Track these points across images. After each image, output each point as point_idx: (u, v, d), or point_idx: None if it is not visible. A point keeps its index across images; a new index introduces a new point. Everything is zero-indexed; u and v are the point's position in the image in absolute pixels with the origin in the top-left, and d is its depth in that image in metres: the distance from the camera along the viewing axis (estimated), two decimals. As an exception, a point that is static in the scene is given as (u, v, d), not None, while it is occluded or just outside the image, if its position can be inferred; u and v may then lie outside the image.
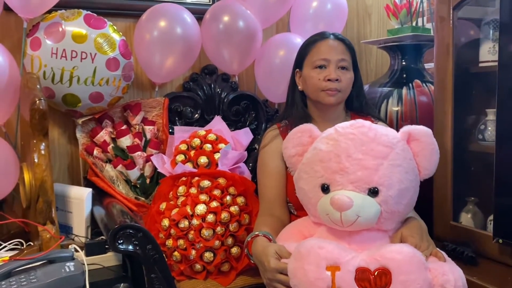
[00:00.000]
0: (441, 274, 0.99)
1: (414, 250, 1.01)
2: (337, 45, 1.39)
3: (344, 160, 1.07)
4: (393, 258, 0.98)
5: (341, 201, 1.03)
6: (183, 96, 1.88)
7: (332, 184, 1.08)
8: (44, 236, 1.32)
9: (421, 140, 1.12)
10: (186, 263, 1.42)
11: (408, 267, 0.97)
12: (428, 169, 1.13)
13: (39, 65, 1.53)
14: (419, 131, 1.13)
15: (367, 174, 1.06)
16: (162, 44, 1.71)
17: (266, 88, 1.94)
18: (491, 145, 1.38)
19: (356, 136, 1.10)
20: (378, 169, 1.06)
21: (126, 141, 1.69)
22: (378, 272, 0.98)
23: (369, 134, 1.10)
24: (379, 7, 2.28)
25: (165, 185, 1.54)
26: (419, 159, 1.12)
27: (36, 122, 1.34)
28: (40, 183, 1.35)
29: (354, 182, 1.06)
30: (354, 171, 1.06)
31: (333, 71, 1.36)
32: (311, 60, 1.39)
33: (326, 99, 1.37)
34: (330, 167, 1.09)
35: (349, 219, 1.04)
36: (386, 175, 1.06)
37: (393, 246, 1.03)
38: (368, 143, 1.09)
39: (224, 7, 1.81)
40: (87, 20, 1.57)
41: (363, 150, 1.08)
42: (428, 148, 1.12)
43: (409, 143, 1.13)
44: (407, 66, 1.86)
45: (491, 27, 1.47)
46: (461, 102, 1.49)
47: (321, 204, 1.10)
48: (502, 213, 1.29)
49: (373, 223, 1.08)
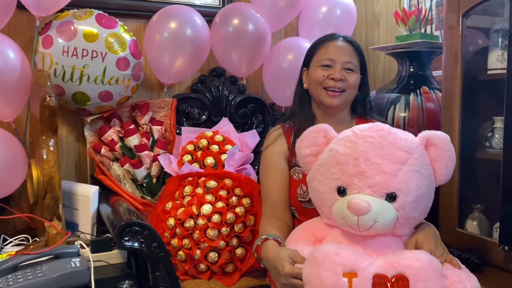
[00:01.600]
0: (458, 281, 0.99)
1: (431, 257, 1.00)
2: (345, 47, 1.39)
3: (362, 164, 1.06)
4: (410, 265, 0.97)
5: (359, 205, 1.02)
6: (191, 98, 1.90)
7: (349, 187, 1.07)
8: (50, 232, 1.33)
9: (439, 146, 1.11)
10: (191, 262, 1.43)
11: (426, 275, 0.96)
12: (444, 175, 1.12)
13: (50, 63, 1.55)
14: (438, 137, 1.12)
15: (385, 179, 1.04)
16: (171, 45, 1.73)
17: (274, 91, 1.96)
18: (498, 153, 1.38)
19: (375, 139, 1.08)
20: (397, 174, 1.05)
21: (133, 140, 1.70)
22: (395, 279, 0.97)
23: (388, 138, 1.08)
24: (388, 13, 2.29)
25: (171, 185, 1.54)
26: (436, 165, 1.11)
27: (45, 119, 1.35)
28: (48, 179, 1.36)
29: (372, 187, 1.04)
30: (373, 175, 1.04)
31: (338, 71, 1.35)
32: (317, 59, 1.39)
33: (327, 99, 1.37)
34: (347, 170, 1.07)
35: (366, 223, 1.03)
36: (404, 181, 1.05)
37: (410, 252, 1.02)
38: (387, 147, 1.07)
39: (234, 10, 1.83)
40: (99, 20, 1.59)
41: (382, 154, 1.06)
42: (446, 154, 1.11)
43: (427, 148, 1.12)
44: (414, 73, 1.86)
45: (500, 35, 1.47)
46: (468, 109, 1.49)
47: (337, 207, 1.08)
48: (508, 221, 1.29)
49: (389, 228, 1.07)
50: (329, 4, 1.96)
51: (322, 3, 1.96)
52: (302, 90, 1.45)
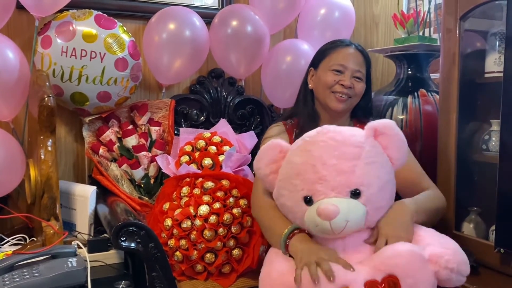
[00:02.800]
0: (440, 257, 1.02)
1: (411, 246, 1.03)
2: (357, 55, 1.42)
3: (320, 169, 1.08)
4: (395, 264, 0.99)
5: (327, 210, 1.03)
6: (189, 99, 1.90)
7: (314, 194, 1.08)
8: (47, 231, 1.33)
9: (387, 133, 1.14)
10: (188, 263, 1.43)
11: (412, 268, 0.99)
12: (400, 159, 1.16)
13: (49, 63, 1.55)
14: (384, 125, 1.15)
15: (345, 177, 1.07)
16: (170, 46, 1.73)
17: (272, 93, 1.96)
18: (495, 156, 1.38)
19: (326, 142, 1.11)
20: (354, 170, 1.07)
21: (131, 141, 1.71)
22: (386, 281, 0.99)
23: (337, 137, 1.11)
24: (387, 16, 2.30)
25: (169, 185, 1.55)
26: (389, 151, 1.15)
27: (44, 119, 1.36)
28: (45, 179, 1.36)
29: (335, 188, 1.06)
30: (333, 177, 1.07)
31: (347, 78, 1.39)
32: (328, 63, 1.41)
33: (334, 103, 1.39)
34: (308, 178, 1.09)
35: (339, 226, 1.04)
36: (363, 175, 1.08)
37: (390, 249, 1.04)
38: (339, 147, 1.10)
39: (233, 12, 1.84)
40: (98, 20, 1.60)
41: (336, 155, 1.09)
42: (395, 139, 1.15)
43: (376, 138, 1.15)
44: (412, 75, 1.87)
45: (497, 38, 1.47)
46: (465, 112, 1.49)
47: (308, 217, 1.09)
48: (504, 223, 1.29)
49: (362, 224, 1.09)
50: (328, 6, 1.97)
51: (321, 5, 1.97)
52: (307, 89, 1.47)
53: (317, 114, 1.45)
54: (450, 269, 1.02)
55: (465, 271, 1.06)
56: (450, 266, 1.02)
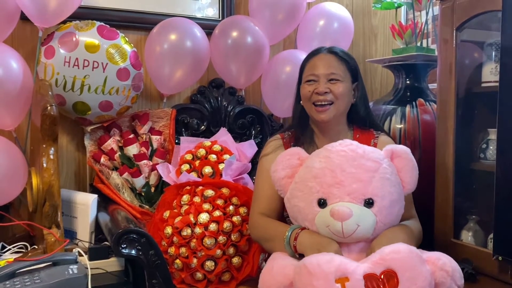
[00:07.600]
0: (437, 259, 1.07)
1: (409, 246, 1.06)
2: (328, 59, 1.40)
3: (339, 174, 1.15)
4: (394, 259, 1.03)
5: (341, 211, 1.10)
6: (190, 108, 1.92)
7: (329, 197, 1.14)
8: (49, 239, 1.34)
9: (402, 156, 1.23)
10: (188, 271, 1.43)
11: (411, 263, 1.03)
12: (410, 183, 1.23)
13: (51, 73, 1.58)
14: (401, 149, 1.24)
15: (362, 186, 1.14)
16: (171, 56, 1.75)
17: (272, 102, 1.98)
18: (492, 164, 1.39)
19: (347, 153, 1.18)
20: (371, 181, 1.15)
21: (133, 150, 1.72)
22: (384, 274, 1.02)
23: (358, 151, 1.19)
24: (385, 27, 2.33)
25: (169, 194, 1.56)
26: (402, 174, 1.22)
27: (46, 128, 1.37)
28: (47, 187, 1.37)
29: (351, 194, 1.13)
30: (350, 184, 1.14)
31: (322, 85, 1.37)
32: (304, 76, 1.42)
33: (316, 115, 1.39)
34: (325, 181, 1.15)
35: (350, 228, 1.10)
36: (378, 187, 1.15)
37: (389, 247, 1.07)
38: (358, 158, 1.17)
39: (233, 23, 1.86)
40: (100, 31, 1.62)
41: (355, 164, 1.16)
42: (409, 164, 1.23)
43: (392, 160, 1.23)
44: (411, 85, 1.89)
45: (494, 48, 1.49)
46: (463, 121, 1.51)
47: (319, 218, 1.15)
48: (502, 231, 1.30)
49: (370, 233, 1.14)
50: (327, 17, 2.00)
51: (320, 16, 2.00)
52: (300, 106, 1.47)
53: (312, 131, 1.45)
54: (446, 271, 1.07)
55: (459, 279, 1.10)
56: (446, 269, 1.07)
